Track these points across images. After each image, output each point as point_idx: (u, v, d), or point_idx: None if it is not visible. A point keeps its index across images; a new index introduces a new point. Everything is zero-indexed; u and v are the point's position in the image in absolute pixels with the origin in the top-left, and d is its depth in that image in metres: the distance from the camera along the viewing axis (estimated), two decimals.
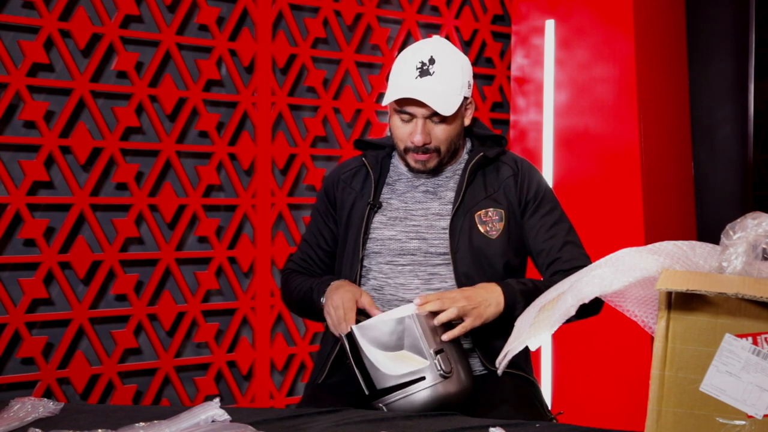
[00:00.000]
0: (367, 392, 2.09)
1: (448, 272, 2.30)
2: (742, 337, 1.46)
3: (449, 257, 2.30)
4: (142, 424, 1.74)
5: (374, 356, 2.08)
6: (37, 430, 1.72)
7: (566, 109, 4.08)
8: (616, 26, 3.94)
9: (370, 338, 2.09)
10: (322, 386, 2.33)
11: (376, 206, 2.38)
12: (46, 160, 3.19)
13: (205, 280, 3.53)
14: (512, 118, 4.28)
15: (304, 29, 3.78)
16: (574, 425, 1.87)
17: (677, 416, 1.48)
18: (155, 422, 1.74)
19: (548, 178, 4.05)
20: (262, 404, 3.64)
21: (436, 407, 2.06)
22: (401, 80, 2.28)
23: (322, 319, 2.30)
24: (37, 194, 3.21)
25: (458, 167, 2.39)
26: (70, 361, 3.26)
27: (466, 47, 4.24)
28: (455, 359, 2.11)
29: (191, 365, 3.55)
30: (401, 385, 2.06)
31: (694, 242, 1.60)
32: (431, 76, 2.25)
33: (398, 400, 2.06)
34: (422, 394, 2.06)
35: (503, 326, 2.17)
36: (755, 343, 1.46)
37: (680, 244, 1.59)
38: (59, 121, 3.20)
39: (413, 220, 2.35)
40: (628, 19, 3.90)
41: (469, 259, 2.29)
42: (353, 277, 2.35)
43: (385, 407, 2.07)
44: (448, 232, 2.31)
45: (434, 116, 2.28)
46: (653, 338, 1.51)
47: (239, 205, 3.61)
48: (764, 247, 1.53)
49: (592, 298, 1.54)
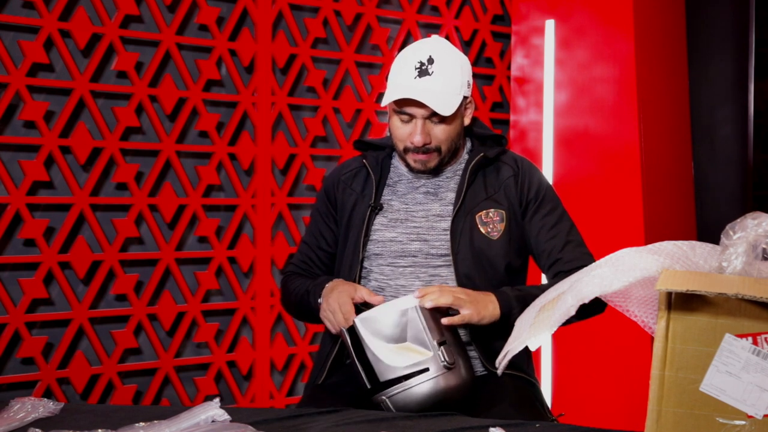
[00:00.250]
0: (369, 386, 2.09)
1: (449, 273, 2.30)
2: (742, 337, 1.46)
3: (450, 259, 2.30)
4: (142, 424, 1.74)
5: (377, 348, 2.08)
6: (37, 430, 1.72)
7: (566, 109, 4.08)
8: (616, 26, 3.94)
9: (372, 330, 2.09)
10: (321, 387, 2.33)
11: (377, 208, 2.37)
12: (46, 160, 3.19)
13: (205, 280, 3.53)
14: (512, 118, 4.28)
15: (304, 29, 3.78)
16: (574, 425, 1.87)
17: (677, 416, 1.48)
18: (155, 422, 1.74)
19: (548, 178, 4.04)
20: (262, 404, 3.64)
21: (437, 400, 2.06)
22: (400, 80, 2.27)
23: (321, 321, 2.30)
24: (37, 194, 3.21)
25: (458, 167, 2.39)
26: (70, 361, 3.26)
27: (466, 47, 4.24)
28: (457, 352, 2.12)
29: (191, 365, 3.55)
30: (405, 377, 2.06)
31: (694, 242, 1.60)
32: (430, 76, 2.25)
33: (401, 392, 2.06)
34: (425, 386, 2.06)
35: (503, 326, 2.17)
36: (755, 343, 1.46)
37: (680, 244, 1.59)
38: (59, 121, 3.20)
39: (414, 221, 2.35)
40: (628, 19, 3.90)
41: (470, 260, 2.29)
42: (353, 278, 2.34)
43: (388, 399, 2.07)
44: (449, 233, 2.30)
45: (434, 116, 2.27)
46: (653, 338, 1.51)
47: (239, 205, 3.61)
48: (764, 247, 1.53)
49: (592, 298, 1.54)
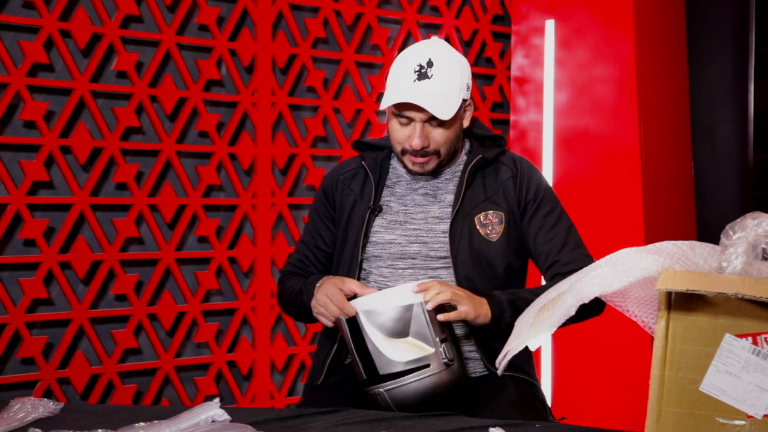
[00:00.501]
0: (364, 377, 2.09)
1: (448, 275, 2.29)
2: (742, 337, 1.46)
3: (449, 261, 2.29)
4: (142, 424, 1.74)
5: (379, 341, 2.08)
6: (37, 430, 1.72)
7: (566, 109, 4.08)
8: (616, 26, 3.94)
9: (375, 323, 2.09)
10: (320, 387, 2.33)
11: (376, 210, 2.37)
12: (46, 160, 3.19)
13: (205, 280, 3.53)
14: (512, 118, 4.28)
15: (304, 29, 3.77)
16: (574, 425, 1.87)
17: (677, 416, 1.48)
18: (155, 422, 1.75)
19: (548, 178, 4.05)
20: (262, 404, 3.64)
21: (434, 396, 2.07)
22: (399, 83, 2.26)
23: (316, 320, 2.29)
24: (37, 194, 3.21)
25: (457, 169, 2.38)
26: (70, 361, 3.26)
27: (466, 47, 4.24)
28: (456, 350, 2.12)
29: (191, 365, 3.55)
30: (404, 371, 2.07)
31: (694, 242, 1.60)
32: (429, 79, 2.23)
33: (400, 386, 2.06)
34: (424, 381, 2.06)
35: (497, 330, 2.18)
36: (755, 343, 1.46)
37: (680, 244, 1.59)
38: (59, 121, 3.20)
39: (413, 223, 2.34)
40: (628, 19, 3.90)
41: (469, 262, 2.28)
42: None
43: (385, 393, 2.07)
44: (448, 235, 2.30)
45: (432, 120, 2.26)
46: (653, 338, 1.51)
47: (239, 205, 3.61)
48: (764, 247, 1.53)
49: (591, 298, 1.54)
